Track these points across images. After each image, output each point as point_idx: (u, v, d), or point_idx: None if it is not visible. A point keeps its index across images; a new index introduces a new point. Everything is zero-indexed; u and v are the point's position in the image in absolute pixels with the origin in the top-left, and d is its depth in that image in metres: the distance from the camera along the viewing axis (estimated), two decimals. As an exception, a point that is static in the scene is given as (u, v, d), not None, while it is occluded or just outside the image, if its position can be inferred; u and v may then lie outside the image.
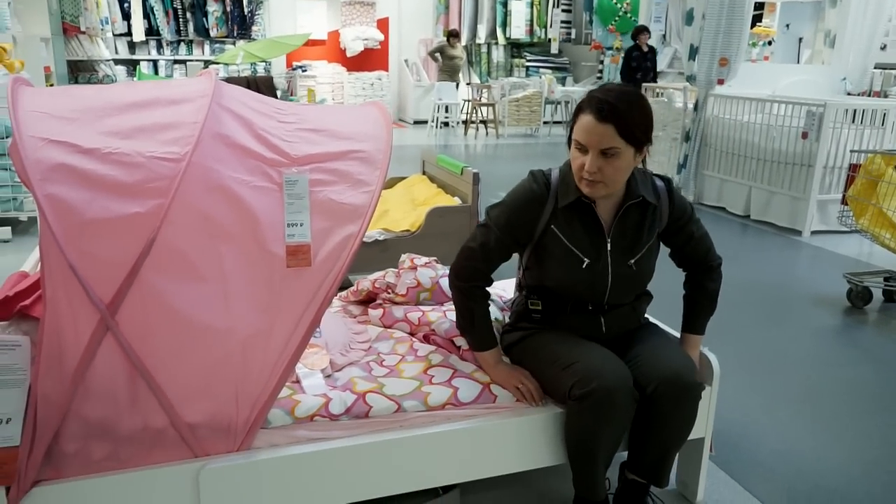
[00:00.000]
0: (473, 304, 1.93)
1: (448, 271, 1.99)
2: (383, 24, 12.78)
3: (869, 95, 7.46)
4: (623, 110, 1.71)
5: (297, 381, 1.84)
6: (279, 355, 1.61)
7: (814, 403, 2.82)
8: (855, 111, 5.62)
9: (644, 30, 9.19)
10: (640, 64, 9.07)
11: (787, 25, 11.23)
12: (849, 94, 7.16)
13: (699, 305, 2.06)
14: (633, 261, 1.91)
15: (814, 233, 5.49)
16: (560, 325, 1.97)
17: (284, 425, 1.71)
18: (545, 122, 11.95)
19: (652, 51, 9.15)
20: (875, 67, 7.45)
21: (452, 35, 11.39)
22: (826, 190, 5.48)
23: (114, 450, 1.53)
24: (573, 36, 13.81)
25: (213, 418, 1.59)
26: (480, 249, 1.91)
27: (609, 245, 1.89)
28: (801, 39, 11.06)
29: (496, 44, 13.41)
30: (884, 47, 7.84)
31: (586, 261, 1.88)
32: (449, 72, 11.40)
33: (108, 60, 10.58)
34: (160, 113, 1.59)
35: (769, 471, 2.34)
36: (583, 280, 1.89)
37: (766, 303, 3.98)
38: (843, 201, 3.93)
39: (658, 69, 9.46)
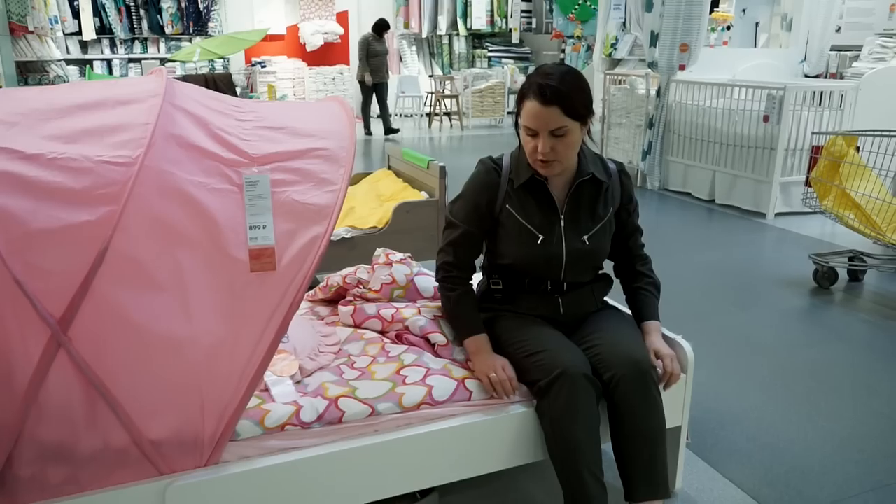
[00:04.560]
0: (450, 293, 2.00)
1: (423, 269, 2.01)
2: (343, 18, 12.62)
3: (826, 77, 7.57)
4: (564, 90, 1.79)
5: (266, 390, 1.77)
6: (246, 364, 1.54)
7: (786, 385, 2.84)
8: (815, 93, 5.69)
9: None
10: None
11: (744, 10, 11.35)
12: (806, 76, 7.26)
13: (650, 294, 2.10)
14: (586, 237, 1.97)
15: (777, 215, 5.56)
16: (520, 305, 2.02)
17: (254, 436, 1.64)
18: (509, 113, 11.93)
19: None
20: (830, 50, 7.56)
21: (384, 27, 10.04)
22: (788, 172, 5.54)
23: (72, 472, 1.45)
24: (534, 25, 13.80)
25: (177, 433, 1.52)
26: (449, 247, 2.01)
27: (562, 221, 1.96)
28: (757, 24, 11.20)
29: (457, 35, 13.33)
30: (838, 29, 7.97)
31: (540, 237, 1.94)
32: (376, 70, 9.99)
33: (60, 61, 10.25)
34: (108, 114, 1.50)
35: (746, 456, 2.34)
36: (538, 256, 1.95)
37: (735, 286, 4.01)
38: (807, 183, 3.97)
39: (619, 56, 9.44)
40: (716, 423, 2.55)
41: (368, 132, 10.49)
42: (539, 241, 1.94)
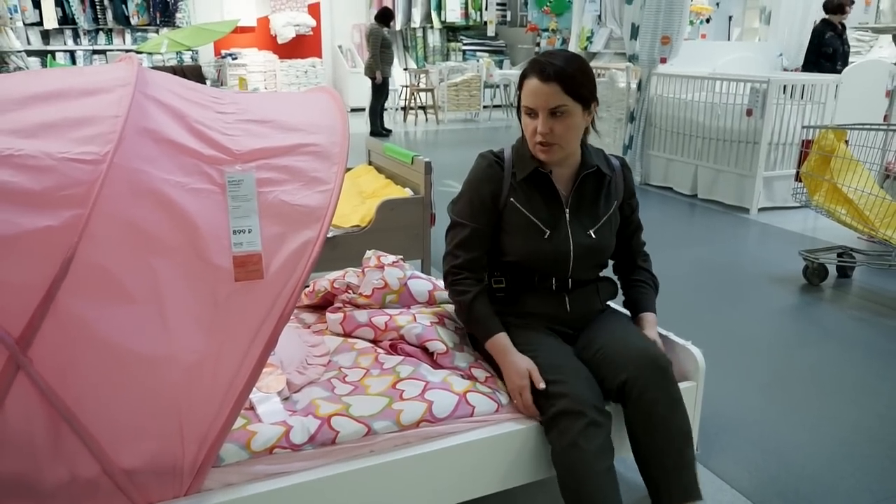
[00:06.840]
0: (463, 297, 1.88)
1: (416, 272, 1.87)
2: (315, 10, 12.37)
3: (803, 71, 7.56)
4: (565, 69, 1.75)
5: (251, 408, 1.62)
6: (230, 383, 1.39)
7: (785, 388, 2.76)
8: (802, 87, 5.63)
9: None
10: (835, 48, 6.66)
11: (717, 3, 11.37)
12: (785, 69, 7.24)
13: (648, 287, 2.09)
14: (592, 230, 1.92)
15: (761, 209, 5.51)
16: (525, 305, 1.92)
17: (240, 461, 1.50)
18: (485, 107, 11.80)
19: (844, 29, 6.83)
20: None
21: (390, 16, 9.46)
22: (771, 167, 5.49)
23: (35, 508, 1.30)
24: (509, 18, 13.69)
25: (154, 460, 1.37)
26: (457, 249, 1.90)
27: (568, 215, 1.90)
28: (730, 17, 11.22)
29: (431, 27, 13.16)
30: (815, 23, 7.97)
31: (547, 232, 1.88)
32: (389, 62, 9.46)
33: (20, 52, 9.87)
34: (72, 106, 1.34)
35: (752, 464, 2.25)
36: (545, 251, 1.88)
37: (724, 283, 3.93)
38: (798, 178, 3.90)
39: (594, 50, 9.32)
40: (718, 428, 2.45)
41: (388, 131, 9.72)
42: (546, 236, 1.88)
